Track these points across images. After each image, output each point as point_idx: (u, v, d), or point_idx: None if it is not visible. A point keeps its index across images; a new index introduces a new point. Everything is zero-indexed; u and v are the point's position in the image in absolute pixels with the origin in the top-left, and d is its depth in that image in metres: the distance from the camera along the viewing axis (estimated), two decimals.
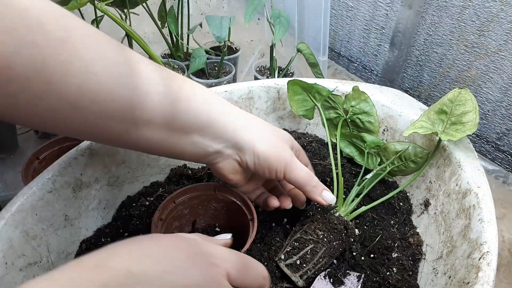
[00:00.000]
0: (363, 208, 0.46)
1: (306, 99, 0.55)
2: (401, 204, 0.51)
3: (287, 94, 0.56)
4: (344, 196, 0.46)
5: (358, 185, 0.48)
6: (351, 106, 0.54)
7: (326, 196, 0.40)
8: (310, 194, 0.40)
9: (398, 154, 0.49)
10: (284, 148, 0.40)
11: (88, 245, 0.47)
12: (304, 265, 0.40)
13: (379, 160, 0.52)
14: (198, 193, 0.46)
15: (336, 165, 0.49)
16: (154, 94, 0.32)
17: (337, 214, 0.43)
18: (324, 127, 0.53)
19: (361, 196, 0.47)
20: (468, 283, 0.34)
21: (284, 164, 0.39)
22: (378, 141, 0.52)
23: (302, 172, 0.40)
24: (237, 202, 0.44)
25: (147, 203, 0.52)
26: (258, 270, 0.32)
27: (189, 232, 0.48)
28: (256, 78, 0.85)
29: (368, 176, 0.49)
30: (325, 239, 0.41)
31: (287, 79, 0.56)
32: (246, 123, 0.38)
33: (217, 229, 0.49)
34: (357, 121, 0.54)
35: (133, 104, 0.31)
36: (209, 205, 0.47)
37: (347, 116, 0.54)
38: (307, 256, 0.40)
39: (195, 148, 0.37)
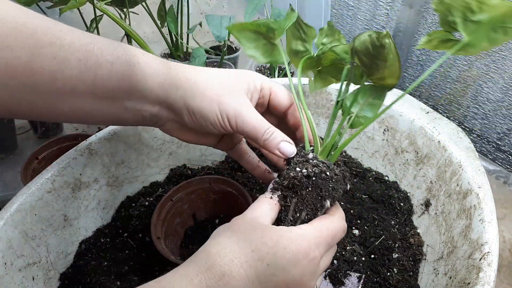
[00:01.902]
0: (347, 140, 0.35)
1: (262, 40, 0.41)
2: (401, 204, 0.51)
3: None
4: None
5: (336, 106, 0.37)
6: (322, 44, 0.41)
7: (284, 148, 0.34)
8: (265, 147, 0.34)
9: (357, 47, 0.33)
10: (228, 95, 0.34)
11: (88, 246, 0.46)
12: (282, 217, 0.34)
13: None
14: (194, 188, 0.47)
15: (298, 96, 0.38)
16: (72, 61, 0.30)
17: (310, 156, 0.34)
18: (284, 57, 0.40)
19: (347, 122, 0.36)
20: (469, 283, 0.34)
21: (226, 115, 0.34)
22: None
23: (252, 121, 0.34)
24: (234, 192, 0.45)
25: (146, 203, 0.51)
26: (340, 232, 0.33)
27: (192, 226, 0.48)
28: None
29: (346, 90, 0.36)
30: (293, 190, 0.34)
31: (287, 79, 0.56)
32: (180, 80, 0.34)
33: (216, 220, 0.49)
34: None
35: (52, 74, 0.30)
36: (208, 198, 0.48)
37: (316, 53, 0.40)
38: (282, 209, 0.34)
39: (130, 113, 0.35)
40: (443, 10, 0.30)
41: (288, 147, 0.34)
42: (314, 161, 0.33)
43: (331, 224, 0.32)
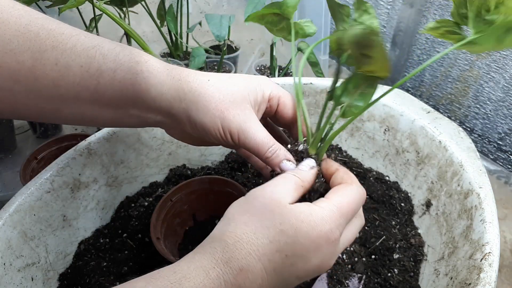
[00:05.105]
0: (336, 131, 0.35)
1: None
2: (402, 204, 0.50)
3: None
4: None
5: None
6: (354, 20, 0.39)
7: (285, 167, 0.34)
8: (267, 164, 0.34)
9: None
10: (233, 110, 0.34)
11: (87, 246, 0.46)
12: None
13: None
14: (193, 188, 0.47)
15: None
16: (75, 67, 0.30)
17: (300, 148, 0.36)
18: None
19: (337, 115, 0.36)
20: (470, 284, 0.34)
21: (229, 130, 0.33)
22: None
23: (255, 138, 0.34)
24: (234, 192, 0.45)
25: (146, 203, 0.51)
26: (361, 201, 0.32)
27: (192, 226, 0.48)
28: None
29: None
30: None
31: (287, 78, 0.55)
32: (184, 92, 0.33)
33: (216, 221, 0.49)
34: None
35: (55, 80, 0.29)
36: (207, 198, 0.48)
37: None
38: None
39: (133, 120, 0.35)
40: (459, 0, 0.29)
41: (289, 166, 0.34)
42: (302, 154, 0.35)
43: (351, 196, 0.31)
